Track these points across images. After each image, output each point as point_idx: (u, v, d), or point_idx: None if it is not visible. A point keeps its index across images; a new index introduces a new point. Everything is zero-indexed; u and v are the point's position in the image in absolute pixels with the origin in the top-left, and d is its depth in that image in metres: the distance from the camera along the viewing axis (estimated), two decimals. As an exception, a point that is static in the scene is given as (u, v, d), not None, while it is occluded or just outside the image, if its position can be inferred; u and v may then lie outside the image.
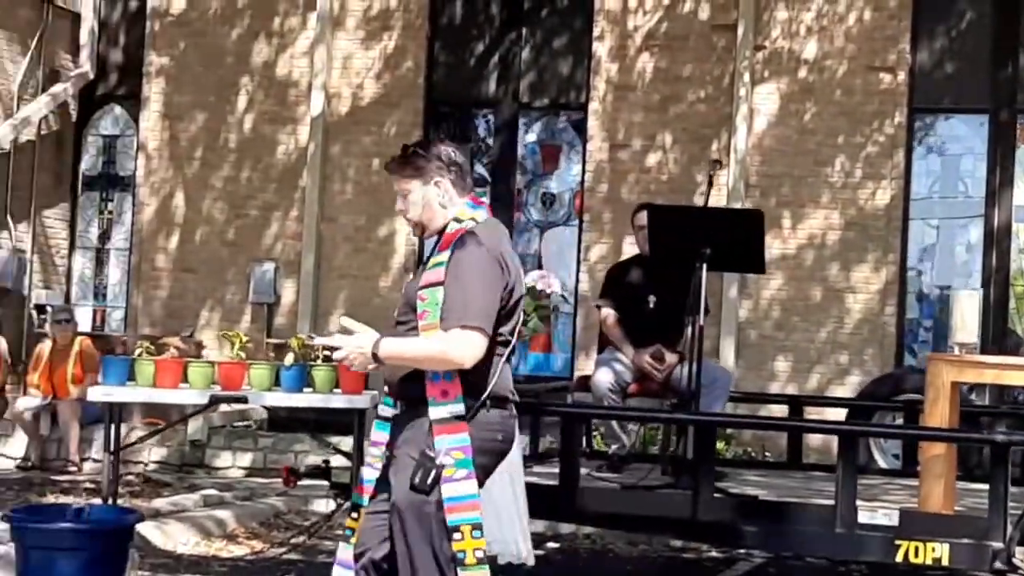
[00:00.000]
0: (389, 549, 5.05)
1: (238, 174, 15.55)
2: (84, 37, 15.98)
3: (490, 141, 15.28)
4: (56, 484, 11.56)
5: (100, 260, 16.30)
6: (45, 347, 13.95)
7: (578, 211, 14.93)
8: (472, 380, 4.92)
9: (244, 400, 8.34)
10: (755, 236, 8.18)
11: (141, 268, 15.65)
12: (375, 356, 4.94)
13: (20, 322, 15.25)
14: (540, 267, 14.44)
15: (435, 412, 4.90)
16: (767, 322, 14.23)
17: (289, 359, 8.29)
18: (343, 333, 5.16)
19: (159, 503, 10.36)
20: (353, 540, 5.15)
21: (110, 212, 16.30)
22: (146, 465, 13.42)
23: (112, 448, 8.34)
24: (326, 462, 9.26)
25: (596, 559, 9.86)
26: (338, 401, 8.40)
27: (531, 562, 7.10)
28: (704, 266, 8.07)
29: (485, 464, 5.05)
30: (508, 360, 5.09)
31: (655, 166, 14.58)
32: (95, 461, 13.54)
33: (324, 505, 11.29)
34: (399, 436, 5.04)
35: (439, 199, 5.09)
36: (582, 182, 14.87)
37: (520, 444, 7.31)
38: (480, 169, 15.25)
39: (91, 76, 16.02)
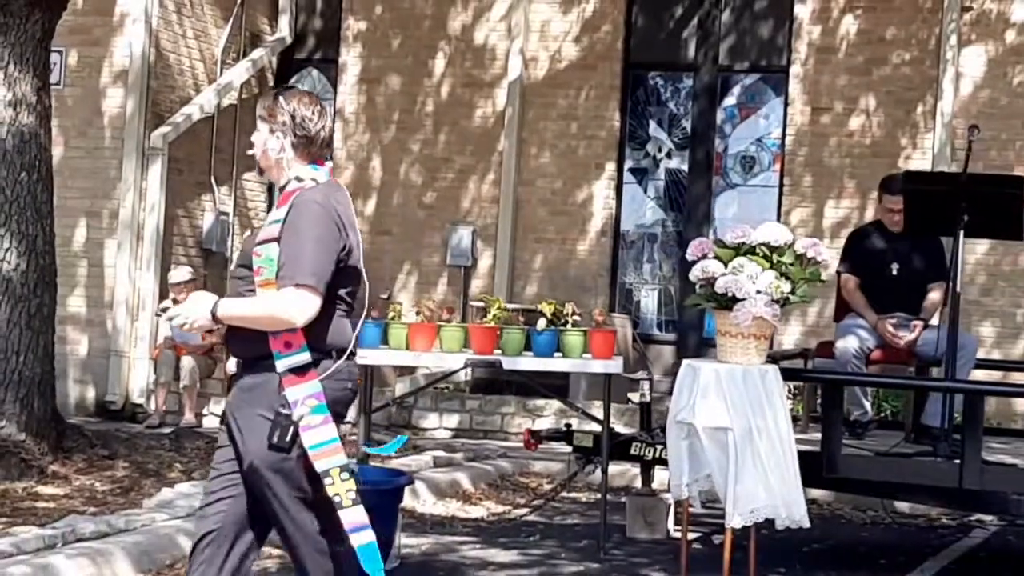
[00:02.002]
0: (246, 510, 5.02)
1: (435, 138, 15.68)
2: (283, 2, 16.19)
3: (688, 104, 15.23)
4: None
5: (297, 223, 16.51)
6: (254, 308, 14.20)
7: (778, 174, 14.85)
8: (314, 332, 4.90)
9: (498, 364, 8.44)
10: (1015, 202, 8.08)
11: (339, 231, 15.83)
12: (214, 317, 4.94)
13: (223, 284, 15.51)
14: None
15: (282, 364, 4.86)
16: (972, 287, 14.03)
17: (541, 324, 8.37)
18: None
19: (393, 464, 10.52)
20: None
21: (307, 176, 16.49)
22: (352, 424, 13.62)
23: (367, 409, 8.52)
24: (568, 426, 9.38)
25: (828, 525, 9.86)
26: (590, 366, 8.49)
27: (806, 524, 7.14)
28: (962, 233, 8.03)
29: (338, 412, 4.98)
30: (349, 316, 5.06)
31: (858, 130, 14.45)
32: (303, 420, 13.80)
33: (544, 467, 11.43)
34: (241, 396, 4.98)
35: (276, 153, 5.09)
36: (782, 145, 14.78)
37: (786, 408, 7.35)
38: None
39: (289, 41, 16.23)
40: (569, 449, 9.34)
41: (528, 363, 8.49)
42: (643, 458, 8.97)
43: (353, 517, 4.84)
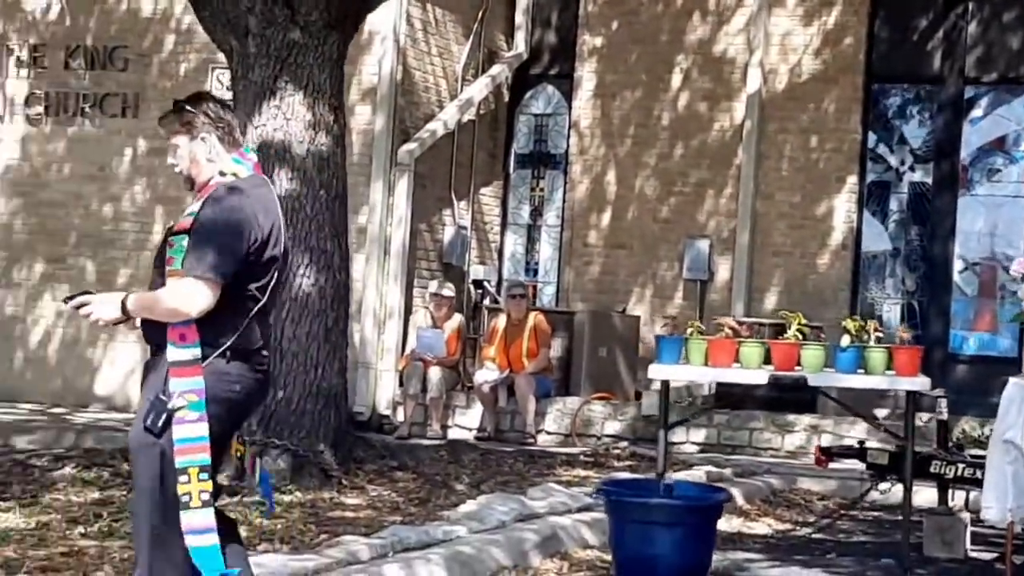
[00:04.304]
0: None
1: (671, 152, 15.71)
2: (519, 18, 16.37)
3: (932, 116, 15.05)
4: (553, 456, 11.90)
5: (531, 237, 16.67)
6: (500, 321, 14.38)
7: (1027, 188, 14.62)
8: (210, 328, 4.95)
9: (803, 381, 8.41)
10: None
11: (573, 245, 15.95)
12: (123, 309, 5.02)
13: (460, 296, 15.70)
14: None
15: (172, 355, 4.94)
16: None
17: (845, 340, 8.33)
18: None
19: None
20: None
21: (541, 190, 16.65)
22: (599, 439, 13.71)
23: (665, 424, 8.55)
24: (861, 443, 9.32)
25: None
26: (896, 383, 8.42)
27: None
28: None
29: (219, 413, 4.96)
30: (259, 316, 5.08)
31: (1112, 142, 14.20)
32: (548, 433, 13.93)
33: (813, 483, 11.37)
34: (144, 379, 5.10)
35: (206, 154, 5.17)
36: (1032, 158, 14.55)
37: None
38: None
39: (525, 57, 16.39)
40: (862, 466, 9.28)
41: (832, 379, 8.46)
42: (943, 476, 8.87)
43: (198, 520, 4.86)
